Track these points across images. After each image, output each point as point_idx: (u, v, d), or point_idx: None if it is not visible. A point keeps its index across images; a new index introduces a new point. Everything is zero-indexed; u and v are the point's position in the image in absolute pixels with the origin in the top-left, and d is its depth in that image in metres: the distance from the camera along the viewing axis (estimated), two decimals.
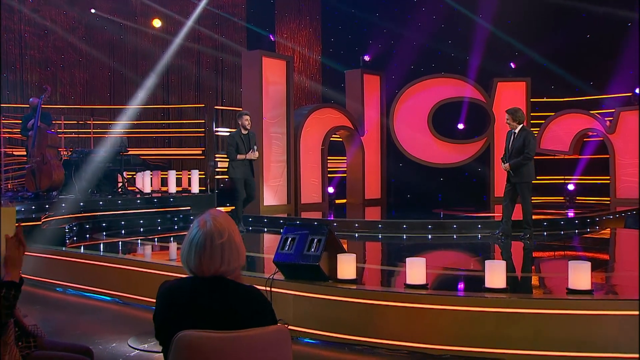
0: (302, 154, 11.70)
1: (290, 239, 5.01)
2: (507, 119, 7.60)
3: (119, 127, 12.59)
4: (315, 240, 4.92)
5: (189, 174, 11.33)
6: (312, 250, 4.88)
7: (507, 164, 7.57)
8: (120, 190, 10.33)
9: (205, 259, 2.10)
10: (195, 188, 11.24)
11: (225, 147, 9.96)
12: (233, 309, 2.08)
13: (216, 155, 11.83)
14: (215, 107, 12.95)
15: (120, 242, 7.92)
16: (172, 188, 11.03)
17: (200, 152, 13.87)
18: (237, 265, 2.14)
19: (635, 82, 12.76)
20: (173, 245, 7.87)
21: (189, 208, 10.47)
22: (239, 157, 8.48)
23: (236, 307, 2.08)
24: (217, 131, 12.30)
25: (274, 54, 12.08)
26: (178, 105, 14.38)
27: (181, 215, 10.20)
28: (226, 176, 11.57)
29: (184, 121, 14.23)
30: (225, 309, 2.07)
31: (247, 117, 8.61)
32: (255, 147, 8.64)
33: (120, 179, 10.47)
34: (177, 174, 11.87)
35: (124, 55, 14.47)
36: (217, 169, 11.66)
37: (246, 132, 8.61)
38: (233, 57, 14.23)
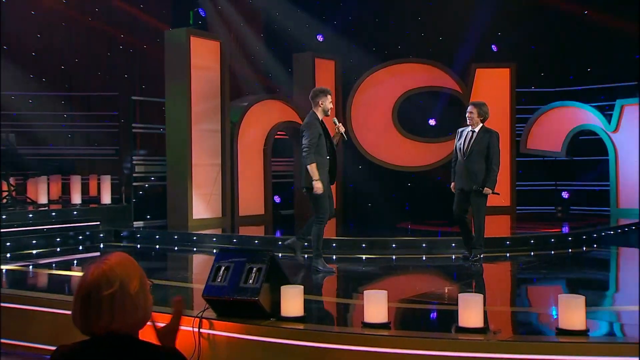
0: (240, 156, 11.65)
1: (223, 268, 4.97)
2: (470, 113, 7.64)
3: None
4: (254, 269, 4.90)
5: (99, 180, 11.12)
6: (251, 281, 4.86)
7: (488, 188, 7.61)
8: (5, 200, 10.05)
9: (92, 314, 2.08)
10: (106, 197, 11.04)
11: (141, 144, 9.83)
12: None
13: (134, 157, 11.65)
14: (133, 96, 12.74)
15: (3, 271, 7.67)
16: (77, 197, 10.80)
17: (113, 151, 13.63)
18: (135, 321, 2.12)
19: None
20: (77, 274, 7.69)
21: (98, 223, 10.28)
22: (312, 173, 6.98)
23: None
24: (135, 126, 12.10)
25: (205, 33, 11.98)
26: (83, 93, 14.08)
27: (88, 233, 10.00)
28: (144, 182, 11.44)
29: (92, 113, 13.95)
30: None
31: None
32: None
33: (4, 187, 10.19)
34: (83, 180, 11.64)
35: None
36: (135, 173, 11.49)
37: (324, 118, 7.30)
38: (154, 36, 14.03)
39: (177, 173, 10.84)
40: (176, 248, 9.57)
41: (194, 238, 9.90)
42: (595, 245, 9.49)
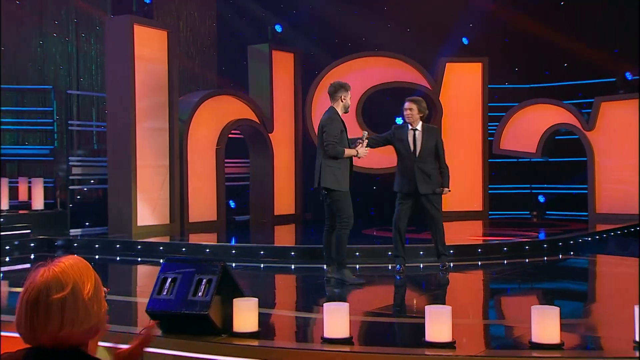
0: (190, 156, 11.61)
1: (170, 280, 4.92)
2: (410, 110, 7.61)
3: None
4: (204, 280, 4.86)
5: (30, 183, 10.95)
6: (200, 294, 4.82)
7: (447, 188, 7.73)
8: None
9: (39, 320, 2.03)
10: (38, 202, 10.86)
11: (75, 142, 9.71)
12: None
13: (70, 158, 11.50)
14: (69, 90, 12.57)
15: None
16: (4, 203, 10.61)
17: (46, 151, 13.41)
18: (87, 330, 2.08)
19: (621, 64, 13.44)
20: (4, 288, 7.55)
21: (29, 231, 10.12)
22: (348, 152, 7.04)
23: None
24: (72, 124, 11.95)
25: (151, 22, 11.91)
26: (12, 87, 13.82)
27: (17, 242, 9.84)
28: (82, 185, 11.30)
29: (23, 108, 13.70)
30: None
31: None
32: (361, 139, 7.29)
33: None
34: (11, 183, 11.43)
35: None
36: (71, 176, 11.34)
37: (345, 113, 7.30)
38: (93, 23, 13.86)
39: (120, 175, 10.73)
40: (118, 258, 9.47)
41: (139, 247, 9.81)
42: (572, 253, 9.63)
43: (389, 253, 8.90)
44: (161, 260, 5.12)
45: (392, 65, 13.39)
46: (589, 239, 10.36)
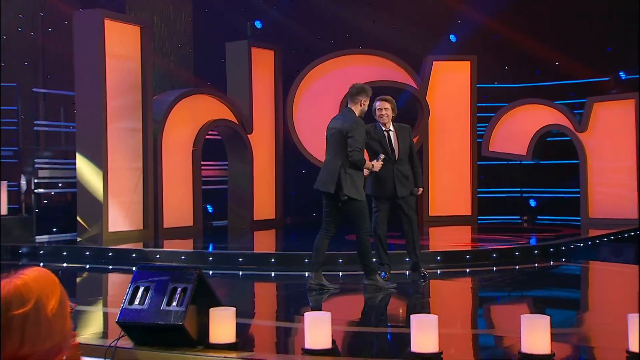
0: (164, 159, 11.57)
1: (142, 289, 4.90)
2: (385, 109, 7.55)
3: None
4: (179, 289, 4.84)
5: None
6: (175, 303, 4.80)
7: (420, 188, 7.80)
8: None
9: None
10: (2, 207, 10.77)
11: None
12: None
13: (37, 160, 11.41)
14: (35, 88, 12.49)
15: None
16: None
17: (10, 153, 13.29)
18: (49, 349, 2.05)
19: (614, 62, 13.55)
20: None
21: None
22: (367, 165, 7.14)
23: None
24: (38, 124, 11.87)
25: (123, 16, 11.87)
26: None
27: None
28: (49, 189, 11.23)
29: None
30: None
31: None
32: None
33: None
34: None
35: None
36: (37, 179, 11.26)
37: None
38: (61, 18, 13.78)
39: (90, 179, 10.67)
40: (88, 266, 9.40)
41: (110, 254, 9.75)
42: (564, 259, 9.68)
43: (373, 260, 8.92)
44: (133, 268, 5.09)
45: (376, 63, 13.41)
46: (582, 244, 10.42)
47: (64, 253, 9.91)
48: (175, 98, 11.94)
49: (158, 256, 9.58)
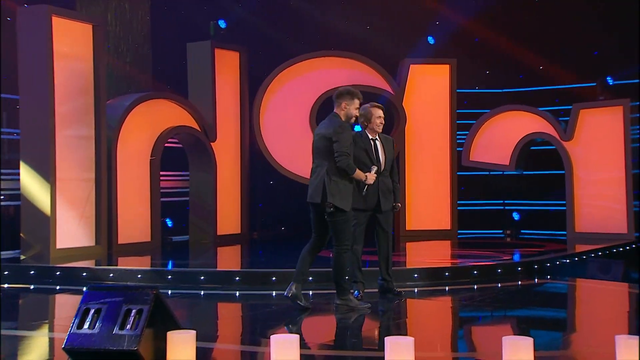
0: (119, 168, 11.50)
1: (93, 311, 4.86)
2: (380, 118, 7.74)
3: None
4: (134, 311, 4.82)
5: None
6: (129, 327, 4.78)
7: (399, 204, 7.97)
8: None
9: None
10: None
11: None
12: None
13: None
14: None
15: None
16: None
17: None
18: None
19: (601, 68, 13.68)
20: None
21: None
22: (359, 174, 7.14)
23: None
24: None
25: (73, 13, 11.78)
26: None
27: None
28: (14, 200, 11.08)
29: None
30: None
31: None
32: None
33: None
34: None
35: None
36: None
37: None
38: (2, 13, 13.62)
39: (36, 190, 10.56)
40: (32, 287, 9.24)
41: (58, 273, 9.62)
42: (549, 277, 9.71)
43: (346, 277, 8.91)
44: (84, 289, 5.03)
45: (350, 66, 13.43)
46: (568, 261, 10.49)
47: (5, 272, 9.75)
48: (132, 103, 11.85)
49: (111, 275, 9.46)
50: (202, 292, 8.73)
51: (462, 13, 14.19)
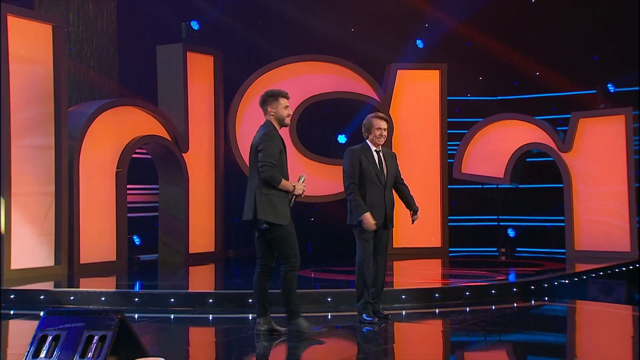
0: (82, 181, 11.48)
1: (51, 338, 4.84)
2: (384, 131, 7.84)
3: None
4: (96, 337, 4.82)
5: None
6: (90, 355, 4.79)
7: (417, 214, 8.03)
8: None
9: None
10: None
11: None
12: None
13: None
14: None
15: None
16: None
17: None
18: None
19: (602, 74, 13.76)
20: None
21: None
22: (285, 184, 6.99)
23: None
24: None
25: (31, 12, 11.75)
26: None
27: None
28: None
29: None
30: None
31: None
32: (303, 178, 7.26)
33: None
34: None
35: None
36: None
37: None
38: None
39: None
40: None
41: (12, 296, 9.56)
42: (546, 298, 9.75)
43: (329, 299, 8.89)
44: (41, 313, 4.98)
45: (333, 72, 13.47)
46: (567, 281, 10.50)
47: None
48: (96, 110, 11.81)
49: (72, 298, 9.41)
50: (172, 316, 8.67)
51: (453, 15, 14.24)
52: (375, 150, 7.83)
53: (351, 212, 7.74)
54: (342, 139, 14.42)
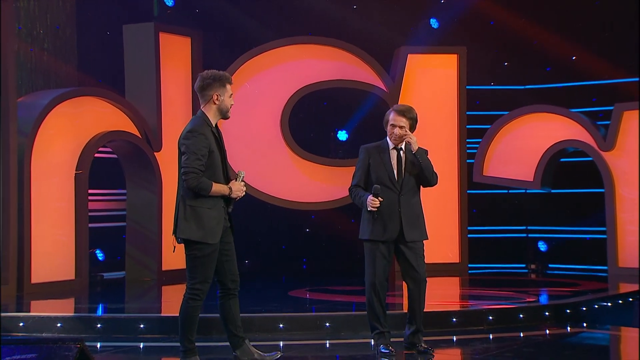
0: (34, 186, 11.48)
1: None
2: (401, 128, 7.64)
3: None
4: None
5: None
6: None
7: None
8: None
9: None
10: None
11: None
12: None
13: None
14: None
15: None
16: None
17: None
18: None
19: None
20: None
21: None
22: (218, 188, 6.67)
23: None
24: None
25: None
26: None
27: None
28: None
29: None
30: None
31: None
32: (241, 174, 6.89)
33: None
34: None
35: None
36: None
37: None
38: None
39: None
40: None
41: None
42: (585, 324, 9.72)
43: (327, 324, 8.86)
44: None
45: (332, 56, 13.47)
46: (609, 304, 10.49)
47: None
48: (51, 101, 11.79)
49: (22, 324, 9.39)
50: (141, 345, 8.67)
51: None
52: (395, 149, 7.69)
53: (361, 223, 7.59)
54: (342, 135, 14.40)
